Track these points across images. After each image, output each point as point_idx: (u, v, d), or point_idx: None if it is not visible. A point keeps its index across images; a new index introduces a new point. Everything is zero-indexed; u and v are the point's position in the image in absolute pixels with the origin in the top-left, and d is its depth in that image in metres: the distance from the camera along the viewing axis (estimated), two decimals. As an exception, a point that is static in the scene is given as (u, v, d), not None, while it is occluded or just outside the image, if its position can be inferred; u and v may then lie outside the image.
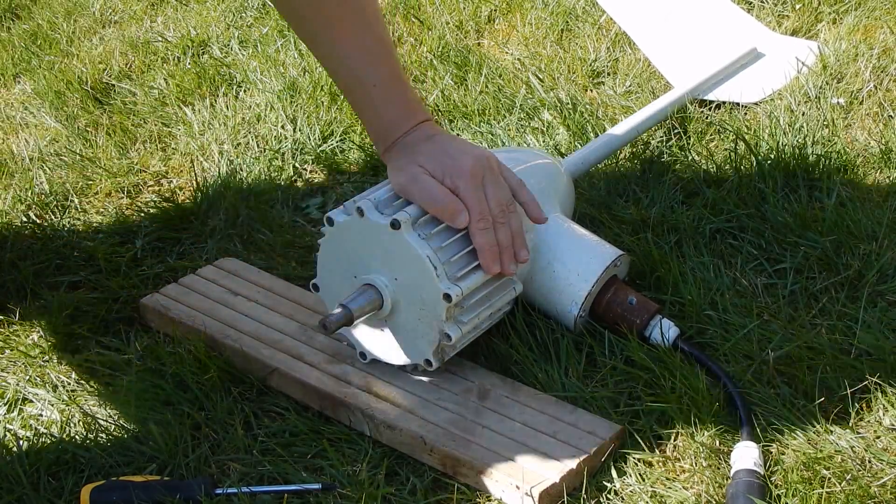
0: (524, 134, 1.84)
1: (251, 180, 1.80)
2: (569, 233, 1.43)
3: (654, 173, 1.69)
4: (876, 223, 1.54)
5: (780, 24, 2.12)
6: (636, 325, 1.39)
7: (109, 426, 1.36)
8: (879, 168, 1.69)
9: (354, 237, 1.34)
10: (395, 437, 1.30)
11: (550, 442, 1.27)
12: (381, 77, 1.36)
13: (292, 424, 1.34)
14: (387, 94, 1.37)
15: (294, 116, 1.97)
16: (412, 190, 1.32)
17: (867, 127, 1.80)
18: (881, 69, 1.90)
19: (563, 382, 1.35)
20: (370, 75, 1.36)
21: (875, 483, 1.19)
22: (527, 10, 2.24)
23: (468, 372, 1.37)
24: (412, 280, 1.31)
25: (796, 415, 1.29)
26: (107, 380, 1.42)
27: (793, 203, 1.58)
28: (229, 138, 1.93)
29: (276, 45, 2.22)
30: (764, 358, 1.35)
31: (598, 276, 1.40)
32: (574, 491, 1.23)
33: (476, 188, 1.32)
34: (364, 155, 1.85)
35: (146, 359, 1.44)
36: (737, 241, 1.55)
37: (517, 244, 1.34)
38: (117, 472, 1.30)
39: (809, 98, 1.85)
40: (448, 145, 1.35)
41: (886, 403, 1.29)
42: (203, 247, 1.67)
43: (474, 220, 1.31)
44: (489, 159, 1.35)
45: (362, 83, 1.37)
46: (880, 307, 1.42)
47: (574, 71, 2.03)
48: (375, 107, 1.37)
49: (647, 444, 1.28)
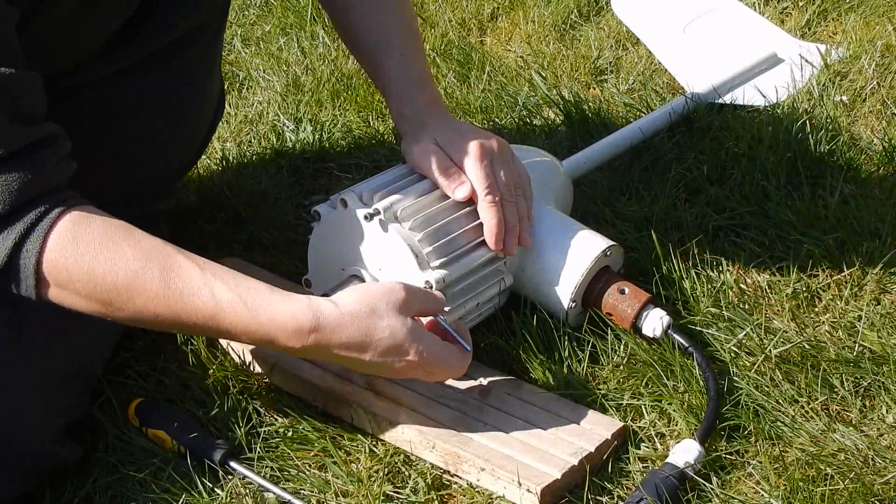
0: (526, 132, 1.84)
1: (254, 178, 1.79)
2: (560, 224, 1.44)
3: (656, 170, 1.69)
4: (879, 220, 1.53)
5: (784, 22, 2.12)
6: (628, 314, 1.39)
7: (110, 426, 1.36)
8: (883, 165, 1.68)
9: (340, 229, 1.35)
10: (396, 435, 1.30)
11: (552, 439, 1.27)
12: (408, 49, 1.43)
13: (295, 422, 1.34)
14: (409, 65, 1.42)
15: (297, 114, 1.97)
16: (423, 160, 1.36)
17: (870, 124, 1.79)
18: (884, 66, 1.90)
19: (565, 379, 1.35)
20: (398, 45, 1.43)
21: (879, 481, 1.19)
22: (529, 7, 2.24)
23: (470, 369, 1.36)
24: (395, 269, 1.32)
25: (799, 412, 1.28)
26: (109, 377, 1.42)
27: (796, 201, 1.58)
28: (232, 136, 1.93)
29: (279, 43, 2.22)
30: (767, 355, 1.35)
31: (588, 267, 1.40)
32: (576, 488, 1.23)
33: (485, 165, 1.35)
34: (366, 153, 1.85)
35: (150, 357, 1.44)
36: (740, 239, 1.55)
37: (524, 226, 1.37)
38: (120, 471, 1.30)
39: (813, 96, 1.85)
40: (461, 125, 1.41)
41: (890, 401, 1.28)
42: (206, 245, 1.67)
43: (482, 194, 1.35)
44: (501, 144, 1.39)
45: (388, 52, 1.42)
46: (883, 305, 1.42)
47: (577, 69, 2.03)
48: (398, 75, 1.42)
49: (648, 442, 1.28)
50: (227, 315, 1.16)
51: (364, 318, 1.18)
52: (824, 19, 2.12)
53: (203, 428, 1.33)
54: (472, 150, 1.35)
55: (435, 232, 1.34)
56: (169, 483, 1.28)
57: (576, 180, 1.62)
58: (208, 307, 1.16)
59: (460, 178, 1.36)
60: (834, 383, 1.31)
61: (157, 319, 1.17)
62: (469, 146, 1.36)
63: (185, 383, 1.39)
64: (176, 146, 1.54)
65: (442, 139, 1.37)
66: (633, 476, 1.24)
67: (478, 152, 1.35)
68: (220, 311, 1.16)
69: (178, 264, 1.16)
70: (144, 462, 1.30)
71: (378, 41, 1.44)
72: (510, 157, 1.40)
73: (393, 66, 1.42)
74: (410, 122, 1.40)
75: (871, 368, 1.32)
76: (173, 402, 1.38)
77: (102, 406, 1.37)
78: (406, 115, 1.41)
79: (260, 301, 1.17)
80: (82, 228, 1.15)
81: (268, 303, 1.17)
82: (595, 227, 1.49)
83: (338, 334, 1.18)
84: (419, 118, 1.40)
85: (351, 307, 1.19)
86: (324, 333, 1.18)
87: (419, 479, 1.26)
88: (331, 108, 1.98)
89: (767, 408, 1.30)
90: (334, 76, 2.03)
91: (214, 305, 1.16)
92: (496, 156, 1.37)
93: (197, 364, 1.40)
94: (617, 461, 1.26)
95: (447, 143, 1.37)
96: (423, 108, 1.41)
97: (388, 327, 1.19)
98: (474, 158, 1.35)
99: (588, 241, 1.42)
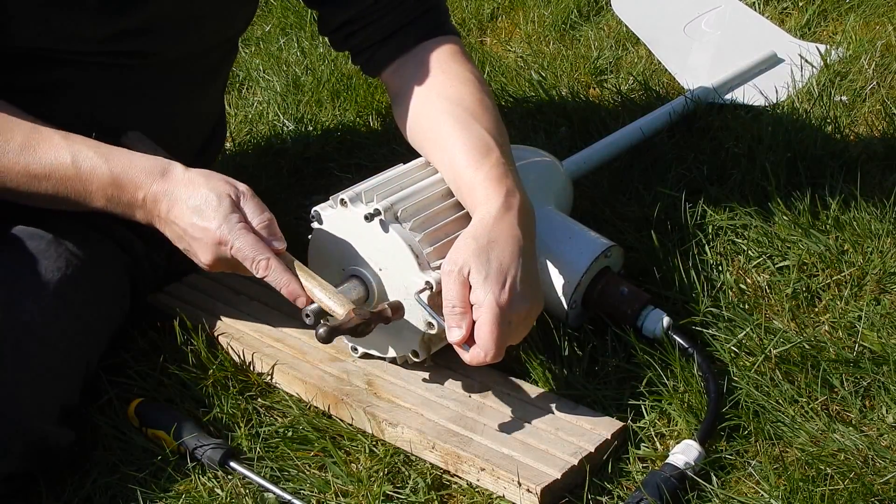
0: (526, 132, 1.84)
1: (254, 178, 1.79)
2: (560, 226, 1.44)
3: (656, 170, 1.69)
4: (879, 221, 1.53)
5: (784, 22, 2.12)
6: (628, 315, 1.39)
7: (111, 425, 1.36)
8: (883, 165, 1.68)
9: (340, 229, 1.35)
10: (396, 435, 1.30)
11: (552, 439, 1.27)
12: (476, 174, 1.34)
13: (295, 422, 1.34)
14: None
15: (297, 114, 1.97)
16: (446, 278, 1.27)
17: (871, 124, 1.79)
18: (884, 66, 1.90)
19: (565, 380, 1.35)
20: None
21: (879, 481, 1.19)
22: (529, 7, 2.24)
23: (470, 369, 1.36)
24: (396, 269, 1.32)
25: (799, 412, 1.28)
26: (111, 378, 1.42)
27: (796, 201, 1.58)
28: (232, 136, 1.93)
29: (279, 44, 2.22)
30: (766, 355, 1.35)
31: (587, 267, 1.40)
32: (576, 488, 1.23)
33: (497, 336, 1.24)
34: (366, 153, 1.85)
35: (150, 357, 1.44)
36: (739, 239, 1.55)
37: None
38: (120, 471, 1.30)
39: (813, 96, 1.85)
40: (503, 254, 1.27)
41: (890, 401, 1.28)
42: (205, 245, 1.67)
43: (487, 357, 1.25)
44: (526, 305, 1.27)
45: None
46: (883, 305, 1.42)
47: (577, 69, 2.03)
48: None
49: (648, 442, 1.28)
50: (83, 163, 1.30)
51: (204, 187, 1.29)
52: (824, 19, 2.12)
53: (203, 428, 1.33)
54: (490, 314, 1.24)
55: (435, 232, 1.33)
56: (169, 483, 1.28)
57: (576, 180, 1.62)
58: (64, 158, 1.30)
59: (464, 320, 1.25)
60: (834, 383, 1.31)
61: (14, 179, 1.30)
62: (488, 303, 1.24)
63: (185, 383, 1.39)
64: None
65: (476, 265, 1.25)
66: (633, 476, 1.24)
67: (496, 318, 1.24)
68: (77, 157, 1.30)
69: (40, 130, 1.31)
70: (144, 462, 1.31)
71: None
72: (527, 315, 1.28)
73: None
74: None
75: (871, 368, 1.32)
76: (173, 402, 1.38)
77: (102, 406, 1.37)
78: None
79: (118, 152, 1.31)
80: None
81: (125, 154, 1.32)
82: (595, 227, 1.49)
83: (182, 188, 1.29)
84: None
85: (199, 178, 1.31)
86: (171, 182, 1.30)
87: (419, 479, 1.26)
88: (331, 108, 1.98)
89: (767, 408, 1.30)
90: (334, 76, 2.03)
91: (71, 156, 1.30)
92: (513, 320, 1.25)
93: (197, 364, 1.40)
94: (617, 461, 1.26)
95: (477, 275, 1.25)
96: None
97: (220, 209, 1.28)
98: (489, 323, 1.24)
99: (588, 241, 1.42)
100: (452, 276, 1.25)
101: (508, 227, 1.28)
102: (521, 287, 1.25)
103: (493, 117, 1.39)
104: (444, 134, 1.37)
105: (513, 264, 1.26)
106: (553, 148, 1.74)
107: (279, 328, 1.45)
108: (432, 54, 1.43)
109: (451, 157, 1.35)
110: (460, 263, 1.25)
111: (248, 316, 1.48)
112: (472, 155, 1.33)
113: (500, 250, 1.26)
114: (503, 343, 1.24)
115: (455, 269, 1.25)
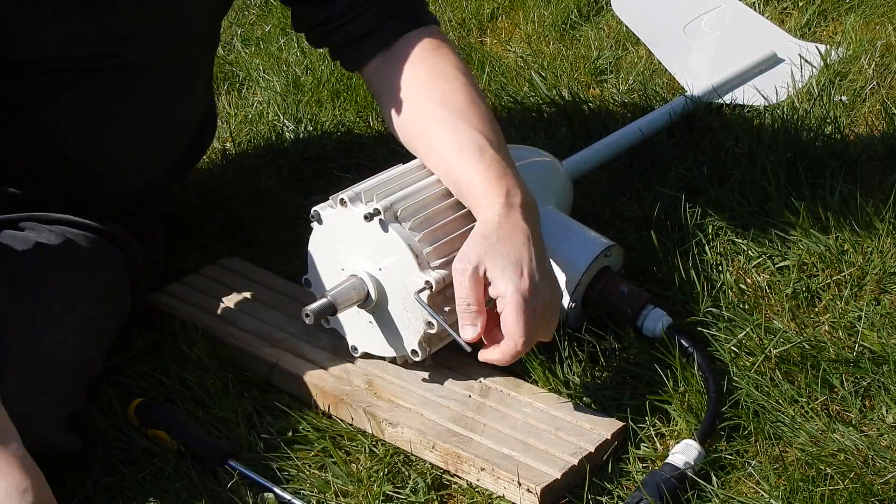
0: (526, 132, 1.84)
1: (254, 178, 1.79)
2: (559, 225, 1.44)
3: (656, 170, 1.69)
4: (879, 220, 1.53)
5: (784, 22, 2.12)
6: (628, 314, 1.39)
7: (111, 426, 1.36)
8: (883, 165, 1.68)
9: (340, 229, 1.35)
10: (396, 435, 1.30)
11: (552, 439, 1.27)
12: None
13: (295, 422, 1.34)
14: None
15: (297, 114, 1.97)
16: (458, 276, 1.27)
17: (871, 124, 1.79)
18: (884, 66, 1.90)
19: (565, 379, 1.35)
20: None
21: (879, 481, 1.19)
22: (529, 7, 2.24)
23: (470, 369, 1.36)
24: (395, 269, 1.32)
25: (799, 412, 1.28)
26: (109, 377, 1.42)
27: (796, 201, 1.58)
28: (232, 136, 1.93)
29: (279, 43, 2.22)
30: (766, 355, 1.35)
31: (587, 266, 1.40)
32: (576, 488, 1.23)
33: (525, 329, 1.24)
34: (366, 153, 1.85)
35: (150, 357, 1.44)
36: (740, 239, 1.55)
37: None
38: (120, 471, 1.30)
39: (812, 96, 1.85)
40: (521, 248, 1.28)
41: (890, 401, 1.28)
42: (205, 245, 1.67)
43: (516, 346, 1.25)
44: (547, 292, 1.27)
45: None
46: (883, 305, 1.42)
47: (577, 69, 2.03)
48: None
49: (648, 442, 1.28)
50: None
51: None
52: (824, 19, 2.12)
53: (203, 428, 1.33)
54: (514, 303, 1.24)
55: (435, 232, 1.33)
56: (169, 483, 1.28)
57: (576, 180, 1.62)
58: None
59: (478, 318, 1.26)
60: (834, 383, 1.31)
61: None
62: (510, 292, 1.24)
63: (185, 383, 1.39)
64: (134, 160, 1.47)
65: (490, 261, 1.25)
66: (633, 476, 1.24)
67: (520, 305, 1.24)
68: None
69: None
70: (144, 462, 1.31)
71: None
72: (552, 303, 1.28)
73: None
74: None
75: (870, 368, 1.32)
76: (173, 402, 1.38)
77: (102, 406, 1.37)
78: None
79: None
80: None
81: None
82: (595, 227, 1.49)
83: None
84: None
85: None
86: None
87: (419, 479, 1.26)
88: (331, 108, 1.98)
89: (767, 408, 1.30)
90: (334, 76, 2.03)
91: None
92: (537, 307, 1.25)
93: (197, 364, 1.40)
94: (617, 461, 1.26)
95: (493, 269, 1.25)
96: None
97: None
98: (515, 312, 1.24)
99: (588, 241, 1.42)
100: (466, 273, 1.25)
101: (515, 223, 1.28)
102: (539, 275, 1.26)
103: (482, 114, 1.38)
104: (434, 138, 1.37)
105: (526, 255, 1.26)
106: (553, 148, 1.74)
107: (279, 328, 1.45)
108: (414, 50, 1.41)
109: (446, 162, 1.35)
110: (474, 261, 1.25)
111: (249, 316, 1.48)
112: (465, 158, 1.33)
113: (511, 244, 1.26)
114: (532, 332, 1.25)
115: (469, 268, 1.25)
